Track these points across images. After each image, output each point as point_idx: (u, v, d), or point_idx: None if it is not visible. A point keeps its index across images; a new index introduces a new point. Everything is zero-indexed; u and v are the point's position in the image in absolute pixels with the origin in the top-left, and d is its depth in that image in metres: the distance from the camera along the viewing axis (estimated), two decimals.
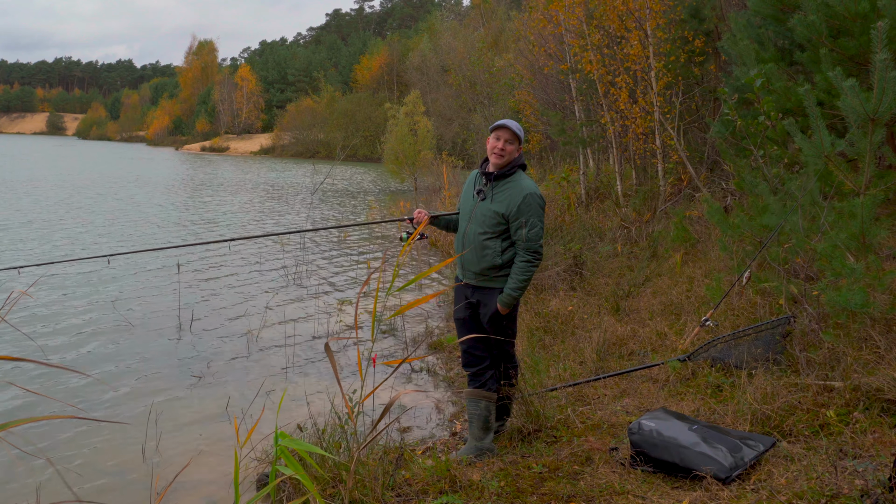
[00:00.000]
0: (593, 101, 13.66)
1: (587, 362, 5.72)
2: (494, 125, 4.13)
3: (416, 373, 6.60)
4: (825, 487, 3.05)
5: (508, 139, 4.06)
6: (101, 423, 5.28)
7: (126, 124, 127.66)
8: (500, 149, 4.06)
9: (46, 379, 6.25)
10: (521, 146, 4.14)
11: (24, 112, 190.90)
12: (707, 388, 4.71)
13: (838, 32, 5.91)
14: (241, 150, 77.50)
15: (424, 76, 49.67)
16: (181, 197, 24.22)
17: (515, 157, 4.16)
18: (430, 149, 27.55)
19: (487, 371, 4.24)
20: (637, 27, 11.40)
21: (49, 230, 14.95)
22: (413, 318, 8.54)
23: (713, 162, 11.39)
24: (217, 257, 12.35)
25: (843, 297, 4.23)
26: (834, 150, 4.66)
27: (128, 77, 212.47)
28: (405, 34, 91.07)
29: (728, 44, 7.34)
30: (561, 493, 3.50)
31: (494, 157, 4.09)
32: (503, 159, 4.07)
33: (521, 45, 21.04)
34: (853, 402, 3.84)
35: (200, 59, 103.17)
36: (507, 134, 4.06)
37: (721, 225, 6.35)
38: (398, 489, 3.59)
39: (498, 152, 4.07)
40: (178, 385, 6.23)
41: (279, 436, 2.70)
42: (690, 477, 3.45)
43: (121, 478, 4.52)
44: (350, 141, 55.78)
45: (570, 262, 8.90)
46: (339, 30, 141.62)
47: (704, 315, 5.71)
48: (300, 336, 7.69)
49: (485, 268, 4.12)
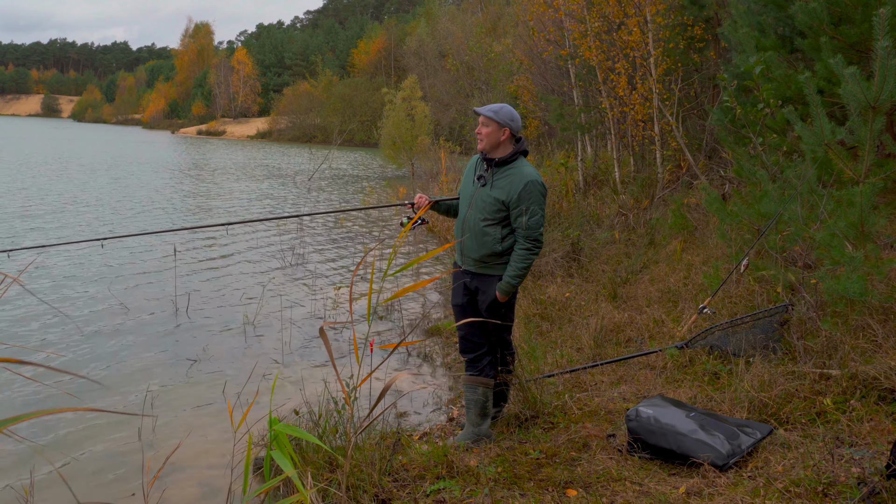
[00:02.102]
0: (592, 87, 13.61)
1: (584, 349, 5.72)
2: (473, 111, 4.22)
3: (414, 358, 6.60)
4: (822, 475, 3.06)
5: (483, 122, 4.12)
6: (94, 410, 5.28)
7: (122, 107, 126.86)
8: (477, 132, 4.15)
9: (39, 364, 6.24)
10: (507, 128, 4.09)
11: (19, 94, 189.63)
12: (704, 376, 4.72)
13: (839, 20, 5.88)
14: (237, 133, 77.18)
15: (422, 61, 49.37)
16: (178, 181, 24.12)
17: (517, 144, 4.14)
18: (427, 134, 27.44)
19: (485, 357, 4.24)
20: (636, 13, 11.34)
21: (45, 214, 14.88)
22: (411, 304, 8.53)
23: (712, 149, 11.38)
24: (214, 242, 12.32)
25: (841, 286, 4.22)
26: (834, 137, 4.65)
27: (123, 59, 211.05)
28: (403, 18, 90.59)
29: (728, 30, 7.30)
30: (558, 479, 3.51)
31: (478, 141, 4.16)
32: (484, 143, 4.12)
33: (519, 31, 20.93)
34: (850, 390, 3.85)
35: (197, 42, 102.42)
36: (481, 118, 4.14)
37: (719, 213, 6.34)
38: (395, 474, 3.60)
39: (478, 136, 4.15)
40: (175, 369, 6.22)
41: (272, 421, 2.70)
42: (688, 464, 3.46)
43: (116, 461, 4.51)
44: (347, 126, 55.52)
45: (567, 248, 8.89)
46: (336, 14, 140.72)
47: (702, 302, 5.71)
48: (297, 320, 7.68)
49: (484, 255, 4.11)
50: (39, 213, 14.75)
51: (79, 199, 17.44)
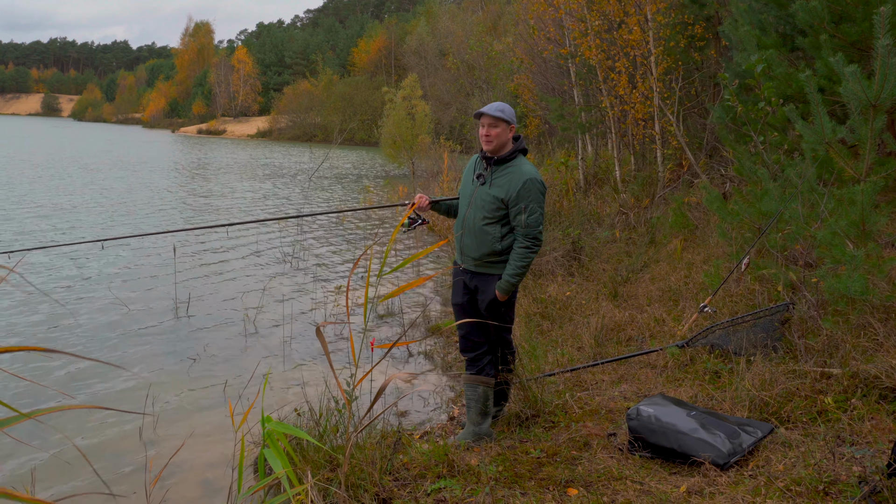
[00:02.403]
0: (593, 85, 13.60)
1: (585, 348, 5.72)
2: (475, 114, 4.14)
3: (415, 357, 6.60)
4: (823, 474, 3.05)
5: (491, 123, 4.05)
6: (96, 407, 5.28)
7: (122, 106, 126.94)
8: (485, 135, 4.07)
9: (40, 363, 6.23)
10: (513, 125, 4.09)
11: (19, 93, 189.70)
12: (705, 375, 4.72)
13: (840, 18, 5.87)
14: (237, 133, 77.20)
15: (422, 60, 49.41)
16: (178, 180, 24.12)
17: (515, 142, 4.15)
18: (427, 133, 27.46)
19: (485, 356, 4.24)
20: (636, 11, 11.33)
21: (45, 214, 14.89)
22: (411, 303, 8.53)
23: (712, 148, 11.36)
24: (214, 241, 12.32)
25: (842, 284, 4.22)
26: (835, 136, 4.64)
27: (123, 58, 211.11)
28: (403, 17, 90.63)
29: (729, 29, 7.29)
30: (559, 478, 3.51)
31: (485, 143, 4.09)
32: (493, 144, 4.06)
33: (520, 29, 20.92)
34: (851, 388, 3.84)
35: (196, 41, 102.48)
36: (488, 119, 4.06)
37: (720, 211, 6.34)
38: (396, 473, 3.60)
39: (485, 139, 4.08)
40: (175, 368, 6.22)
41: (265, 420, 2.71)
42: (688, 463, 3.46)
43: (118, 461, 4.52)
44: (347, 125, 55.57)
45: (568, 247, 8.89)
46: (336, 12, 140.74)
47: (703, 301, 5.71)
48: (297, 319, 7.68)
49: (484, 253, 4.11)
50: (45, 214, 14.76)
51: (83, 200, 17.44)
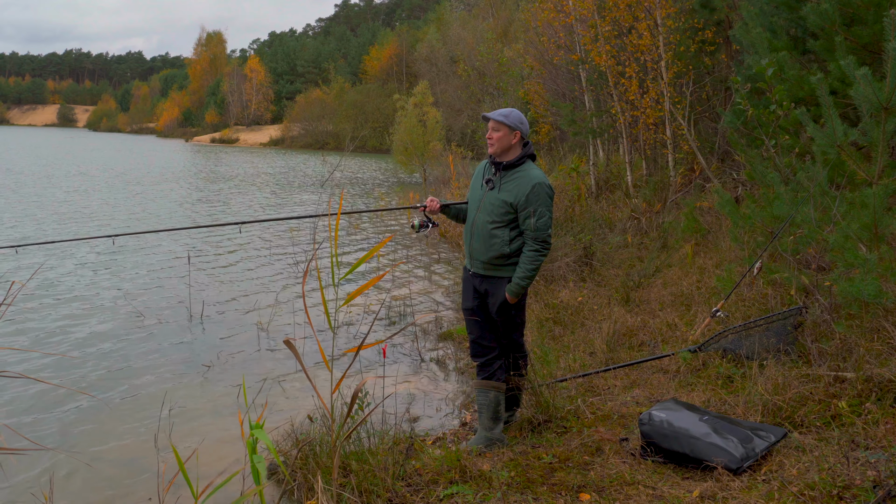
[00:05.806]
0: (603, 91, 13.60)
1: (597, 353, 5.71)
2: (482, 116, 4.27)
3: (427, 363, 6.61)
4: (837, 478, 3.04)
5: (494, 127, 4.16)
6: (111, 412, 5.33)
7: (136, 116, 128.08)
8: (488, 137, 4.20)
9: (56, 369, 6.29)
10: (517, 131, 4.14)
11: (35, 104, 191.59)
12: (718, 379, 4.70)
13: (851, 20, 5.85)
14: (250, 141, 77.69)
15: (433, 67, 49.51)
16: (193, 188, 24.29)
17: (524, 148, 4.18)
18: (439, 140, 27.50)
19: (496, 361, 4.25)
20: (647, 17, 11.33)
21: (65, 219, 15.04)
22: (422, 309, 8.54)
23: (724, 152, 11.32)
24: (228, 247, 12.40)
25: (855, 288, 4.20)
26: (846, 139, 4.63)
27: (138, 69, 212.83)
28: (414, 25, 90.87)
29: (740, 32, 7.27)
30: (571, 483, 3.50)
31: (489, 146, 4.21)
32: (495, 147, 4.17)
33: (530, 36, 20.93)
34: (865, 392, 3.82)
35: (209, 51, 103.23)
36: (492, 123, 4.18)
37: (732, 215, 6.32)
38: (408, 479, 3.61)
39: (488, 141, 4.20)
40: (189, 374, 6.26)
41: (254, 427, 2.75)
42: (701, 468, 3.45)
43: (132, 467, 4.55)
44: (359, 132, 55.77)
45: (579, 252, 8.87)
46: (348, 21, 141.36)
47: (715, 306, 5.69)
48: (309, 326, 7.70)
49: (493, 257, 4.13)
50: (64, 219, 14.91)
51: (102, 206, 17.60)
